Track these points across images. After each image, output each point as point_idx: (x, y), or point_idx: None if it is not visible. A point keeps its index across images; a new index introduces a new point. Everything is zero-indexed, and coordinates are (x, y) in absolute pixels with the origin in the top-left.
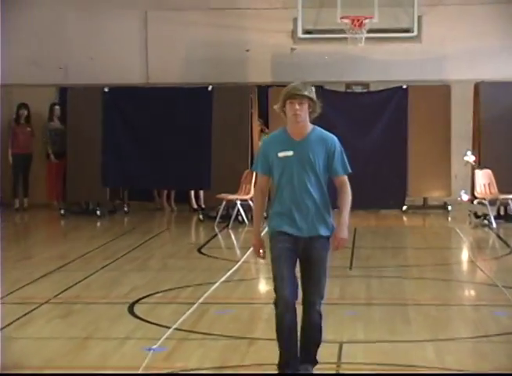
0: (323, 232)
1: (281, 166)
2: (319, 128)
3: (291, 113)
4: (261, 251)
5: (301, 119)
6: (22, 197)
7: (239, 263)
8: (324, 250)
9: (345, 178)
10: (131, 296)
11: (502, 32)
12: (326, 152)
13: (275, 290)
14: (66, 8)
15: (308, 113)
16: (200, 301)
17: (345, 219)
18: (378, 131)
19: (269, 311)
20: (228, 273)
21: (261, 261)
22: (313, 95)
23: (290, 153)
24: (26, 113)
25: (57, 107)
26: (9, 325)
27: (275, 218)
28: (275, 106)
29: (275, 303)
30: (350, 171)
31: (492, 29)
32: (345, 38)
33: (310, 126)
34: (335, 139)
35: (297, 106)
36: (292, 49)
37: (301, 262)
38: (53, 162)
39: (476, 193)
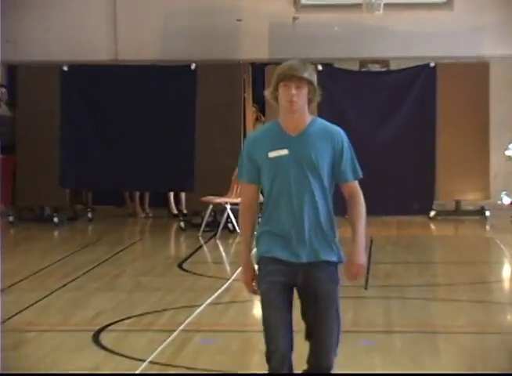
0: (329, 256)
1: (273, 170)
2: (320, 120)
3: (285, 99)
4: (254, 284)
5: (298, 107)
6: None
7: (229, 281)
8: (332, 282)
9: (356, 184)
10: (96, 322)
11: None
12: (332, 150)
13: (267, 341)
14: None
15: (307, 100)
16: (181, 328)
17: (361, 238)
18: (400, 120)
19: None
20: (216, 294)
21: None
22: (314, 79)
23: (285, 151)
24: None
25: (4, 90)
26: None
27: (264, 239)
28: (266, 92)
29: (268, 357)
30: (361, 175)
31: None
32: (359, 5)
33: (309, 117)
34: (342, 132)
35: (294, 91)
36: (294, 19)
37: (302, 296)
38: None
39: None
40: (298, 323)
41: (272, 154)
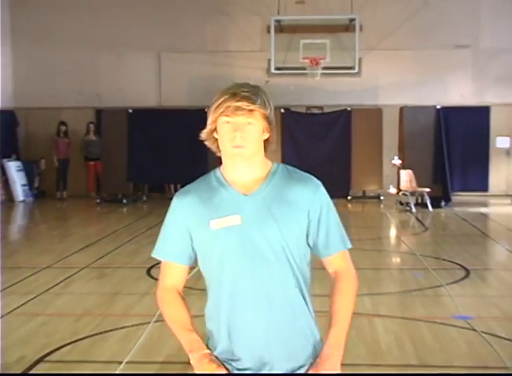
0: None
1: (218, 248)
2: (285, 167)
3: (229, 143)
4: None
5: (249, 153)
6: (62, 190)
7: None
8: None
9: (345, 256)
10: (149, 262)
11: (420, 70)
12: (307, 211)
13: None
14: (98, 49)
15: (263, 141)
16: None
17: (341, 336)
18: (330, 142)
19: None
20: None
21: None
22: (269, 109)
23: (236, 220)
24: (64, 128)
25: (93, 125)
26: (57, 284)
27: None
28: (203, 134)
29: None
30: (350, 245)
31: (413, 68)
32: (306, 73)
33: (268, 165)
34: (319, 183)
35: (238, 133)
36: (266, 81)
37: None
38: (91, 163)
39: (401, 187)
40: None
41: (216, 225)
